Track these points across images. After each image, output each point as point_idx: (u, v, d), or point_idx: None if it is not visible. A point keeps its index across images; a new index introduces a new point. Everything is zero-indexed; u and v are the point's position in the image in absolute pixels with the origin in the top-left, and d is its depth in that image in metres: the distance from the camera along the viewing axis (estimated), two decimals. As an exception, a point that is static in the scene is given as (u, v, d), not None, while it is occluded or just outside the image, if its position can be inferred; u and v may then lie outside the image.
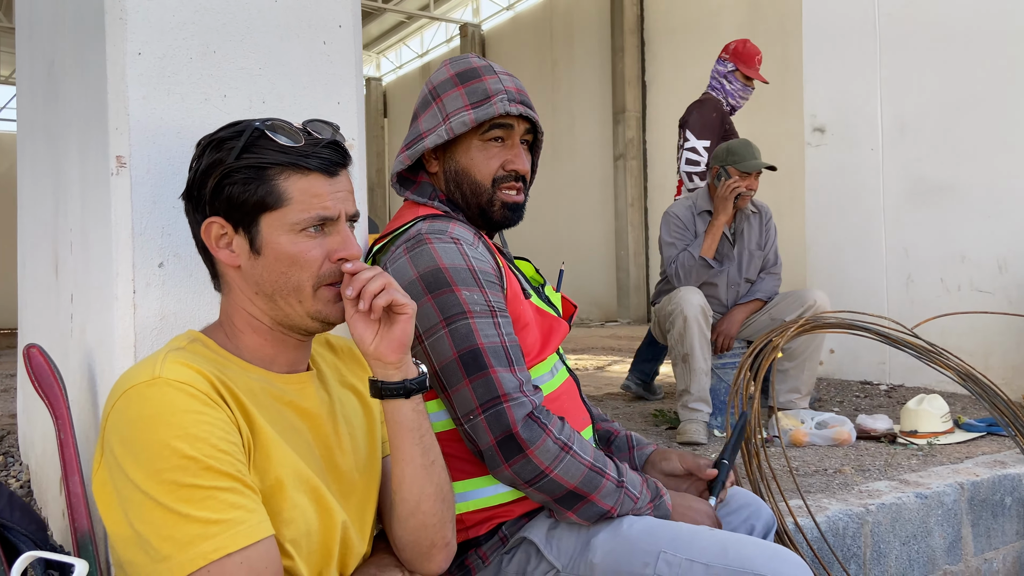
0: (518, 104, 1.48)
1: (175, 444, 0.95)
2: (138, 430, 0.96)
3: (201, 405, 0.99)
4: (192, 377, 1.00)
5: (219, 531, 0.94)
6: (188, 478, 0.94)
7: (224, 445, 0.98)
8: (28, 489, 2.37)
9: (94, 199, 1.41)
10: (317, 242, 1.09)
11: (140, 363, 1.03)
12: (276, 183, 1.07)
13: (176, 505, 0.93)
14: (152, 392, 0.98)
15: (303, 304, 1.10)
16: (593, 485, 1.36)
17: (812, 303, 3.42)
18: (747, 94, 4.41)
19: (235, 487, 0.98)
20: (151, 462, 0.94)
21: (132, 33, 1.27)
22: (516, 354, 1.38)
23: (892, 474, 2.58)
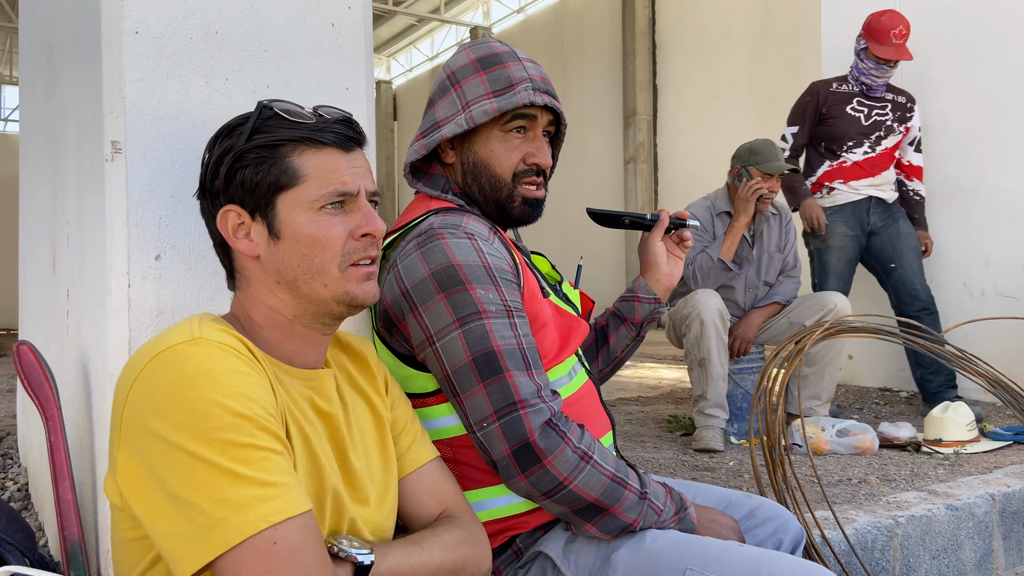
0: (543, 94, 1.39)
1: (227, 402, 0.87)
2: (181, 389, 0.87)
3: (247, 367, 0.92)
4: (233, 341, 0.94)
5: (277, 494, 0.86)
6: (244, 437, 0.86)
7: (272, 409, 0.92)
8: (26, 492, 2.30)
9: (89, 188, 1.34)
10: (338, 220, 1.03)
11: (169, 330, 0.95)
12: (290, 160, 1.02)
13: (230, 464, 0.85)
14: (195, 351, 0.90)
15: (329, 288, 1.03)
16: (615, 497, 1.27)
17: (832, 307, 3.32)
18: (883, 73, 3.90)
19: (284, 453, 0.91)
20: (199, 421, 0.85)
21: (129, 11, 1.19)
22: (534, 357, 1.29)
23: (919, 484, 2.48)
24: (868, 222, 4.01)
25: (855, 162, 3.99)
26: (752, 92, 11.33)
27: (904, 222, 4.02)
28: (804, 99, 4.09)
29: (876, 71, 3.89)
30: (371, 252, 1.07)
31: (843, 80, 4.06)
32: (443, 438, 1.34)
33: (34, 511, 2.12)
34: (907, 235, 3.99)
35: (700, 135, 12.07)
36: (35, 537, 1.27)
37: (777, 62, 10.91)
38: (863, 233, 4.02)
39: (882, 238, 4.01)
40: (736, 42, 11.58)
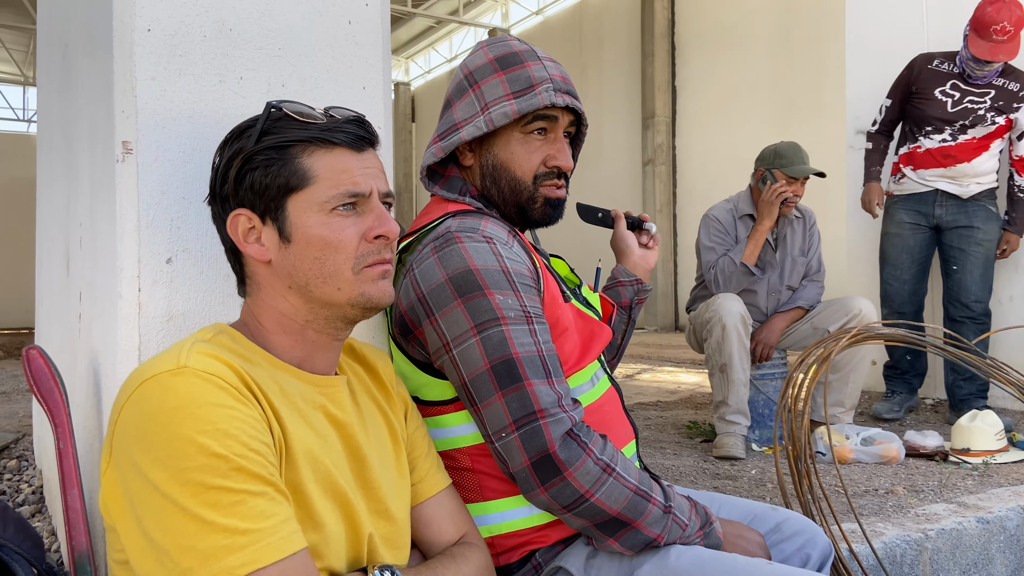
0: (564, 94, 1.34)
1: (202, 440, 0.83)
2: (159, 424, 0.84)
3: (232, 399, 0.88)
4: (221, 369, 0.89)
5: (247, 542, 0.82)
6: (216, 479, 0.82)
7: (256, 444, 0.87)
8: (40, 495, 2.28)
9: (101, 189, 1.31)
10: (351, 221, 1.00)
11: (160, 354, 0.92)
12: (299, 161, 0.99)
13: (200, 510, 0.81)
14: (177, 382, 0.86)
15: (343, 291, 1.00)
16: (638, 511, 1.23)
17: (857, 312, 3.25)
18: (980, 67, 3.55)
19: (267, 492, 0.86)
20: (173, 459, 0.82)
21: (142, 8, 1.16)
22: (554, 364, 1.25)
23: (948, 496, 2.42)
24: (933, 215, 3.80)
25: (928, 149, 3.74)
26: (773, 93, 11.23)
27: (982, 222, 3.72)
28: (902, 72, 3.84)
29: (973, 64, 3.57)
30: (385, 255, 1.04)
31: (949, 57, 3.72)
32: (461, 447, 1.30)
33: (48, 514, 2.10)
34: (979, 239, 3.72)
35: (719, 137, 11.98)
36: (43, 545, 1.24)
37: (798, 63, 10.80)
38: (928, 226, 3.83)
39: (950, 236, 3.79)
40: (757, 43, 11.49)
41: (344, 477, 1.02)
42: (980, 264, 3.75)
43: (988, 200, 3.78)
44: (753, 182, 3.44)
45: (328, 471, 0.99)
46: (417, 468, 1.20)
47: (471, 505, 1.29)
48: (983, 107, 3.63)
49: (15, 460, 2.60)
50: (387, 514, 1.09)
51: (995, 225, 3.77)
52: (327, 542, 0.97)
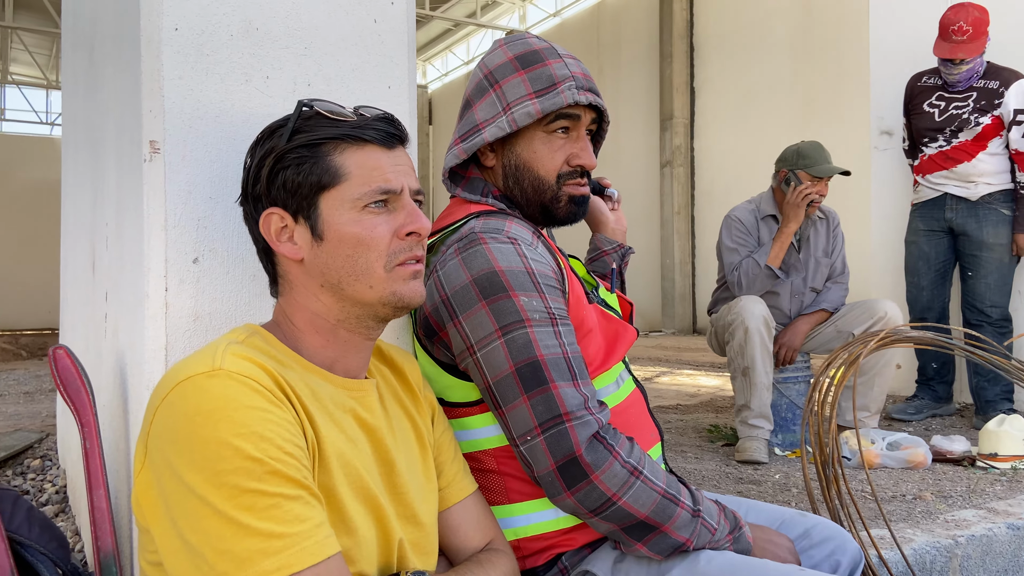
0: (587, 92, 1.33)
1: (237, 443, 0.83)
2: (195, 426, 0.84)
3: (266, 402, 0.87)
4: (255, 371, 0.89)
5: (283, 546, 0.82)
6: (251, 482, 0.82)
7: (291, 447, 0.86)
8: (64, 495, 2.29)
9: (128, 189, 1.31)
10: (382, 219, 1.00)
11: (194, 355, 0.92)
12: (331, 158, 0.99)
13: (236, 513, 0.81)
14: (212, 384, 0.86)
15: (374, 289, 1.00)
16: (666, 515, 1.21)
17: (883, 315, 3.21)
18: (949, 69, 3.71)
19: (301, 496, 0.85)
20: (209, 462, 0.82)
21: (169, 7, 1.16)
22: (579, 366, 1.23)
23: (977, 501, 2.38)
24: (945, 219, 3.84)
25: (931, 156, 3.86)
26: (792, 95, 11.15)
27: (992, 227, 3.73)
28: (905, 87, 4.03)
29: (943, 67, 3.72)
30: (417, 251, 1.03)
31: (933, 72, 3.89)
32: (486, 448, 1.29)
33: (71, 514, 2.11)
34: (990, 244, 3.73)
35: (738, 138, 11.90)
36: (68, 546, 1.24)
37: (818, 64, 10.72)
38: (945, 231, 3.87)
39: (963, 241, 3.81)
40: (776, 44, 11.41)
41: (374, 482, 1.01)
42: (994, 269, 3.74)
43: (1000, 203, 3.76)
44: (775, 183, 3.40)
45: (360, 475, 0.98)
46: (444, 473, 1.19)
47: (496, 507, 1.28)
48: (966, 110, 3.73)
49: (39, 460, 2.62)
50: (415, 519, 1.08)
51: (1006, 228, 3.74)
52: (359, 546, 0.96)
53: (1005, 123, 3.69)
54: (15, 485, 2.41)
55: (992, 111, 3.70)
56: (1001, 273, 3.74)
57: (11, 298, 16.52)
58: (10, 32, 18.04)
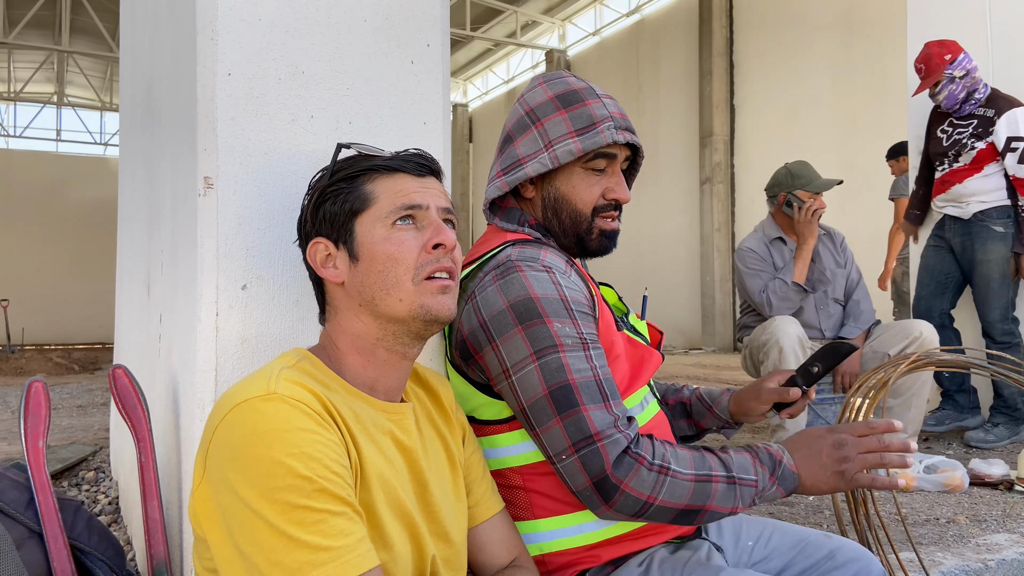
0: (624, 131, 1.41)
1: (290, 462, 0.90)
2: (251, 445, 0.92)
3: (316, 425, 0.95)
4: (306, 396, 0.97)
5: (328, 559, 0.89)
6: (301, 499, 0.90)
7: (337, 467, 0.94)
8: (116, 506, 2.40)
9: (183, 220, 1.41)
10: (410, 234, 1.08)
11: (250, 377, 1.00)
12: (364, 187, 1.09)
13: (287, 527, 0.88)
14: (268, 407, 0.94)
15: (404, 302, 1.07)
16: (704, 495, 1.24)
17: (918, 335, 3.20)
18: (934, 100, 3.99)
19: (346, 512, 0.93)
20: (263, 479, 0.90)
21: (223, 54, 1.26)
22: (611, 388, 1.29)
23: (1011, 526, 2.36)
24: (945, 237, 4.01)
25: (938, 179, 4.04)
26: (835, 111, 11.08)
27: (981, 243, 3.82)
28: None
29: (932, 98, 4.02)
30: (444, 263, 1.10)
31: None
32: (513, 466, 1.35)
33: (123, 524, 2.21)
34: (978, 259, 3.83)
35: (779, 156, 11.80)
36: (124, 554, 1.33)
37: (860, 81, 10.64)
38: (948, 249, 4.00)
39: (962, 260, 3.95)
40: (817, 61, 11.35)
41: (410, 500, 1.08)
42: (985, 286, 3.81)
43: (992, 219, 3.82)
44: (773, 208, 3.55)
45: (397, 494, 1.05)
46: (473, 492, 1.26)
47: (522, 523, 1.34)
48: (965, 135, 3.90)
49: (92, 472, 2.74)
50: (447, 537, 1.14)
51: (997, 244, 3.79)
52: (395, 561, 1.03)
53: (999, 150, 3.81)
54: (70, 495, 2.53)
55: (987, 138, 3.85)
56: (992, 289, 3.80)
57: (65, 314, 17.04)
58: (66, 56, 18.72)
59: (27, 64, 19.29)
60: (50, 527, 1.21)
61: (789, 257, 3.46)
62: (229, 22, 1.26)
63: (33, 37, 16.92)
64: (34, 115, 21.66)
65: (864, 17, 10.57)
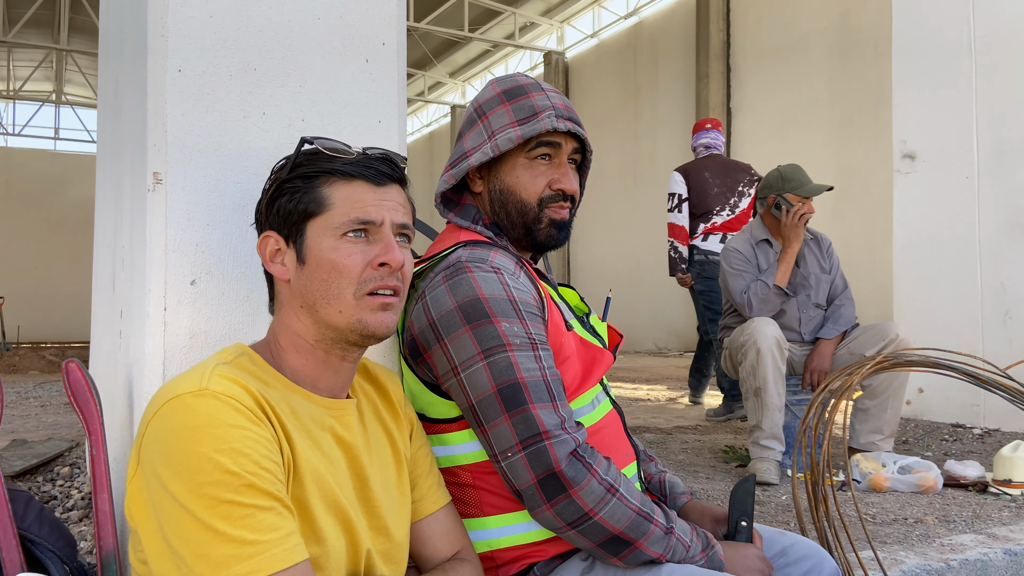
0: (566, 120, 1.41)
1: (218, 458, 0.91)
2: (181, 440, 0.93)
3: (246, 421, 0.96)
4: (238, 392, 0.98)
5: (254, 552, 0.90)
6: (228, 494, 0.91)
7: (266, 463, 0.95)
8: (89, 500, 2.41)
9: (137, 215, 1.42)
10: (359, 248, 1.08)
11: (185, 373, 1.01)
12: (321, 190, 1.08)
13: (213, 521, 0.90)
14: (198, 403, 0.95)
15: (343, 314, 1.07)
16: (640, 531, 1.26)
17: (894, 337, 3.22)
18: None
19: (274, 507, 0.94)
20: (191, 475, 0.91)
21: (173, 50, 1.27)
22: (558, 389, 1.30)
23: (980, 527, 2.37)
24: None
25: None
26: (830, 114, 11.09)
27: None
28: None
29: None
30: (389, 282, 1.09)
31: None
32: (463, 464, 1.36)
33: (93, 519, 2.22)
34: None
35: (776, 158, 11.79)
36: (76, 545, 1.34)
37: (856, 84, 10.65)
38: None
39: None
40: (814, 64, 11.36)
41: (347, 495, 1.09)
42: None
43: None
44: (763, 209, 3.54)
45: (332, 489, 1.06)
46: (418, 486, 1.27)
47: (472, 520, 1.35)
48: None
49: (68, 467, 2.75)
50: (386, 531, 1.15)
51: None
52: (327, 555, 1.04)
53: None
54: (44, 491, 2.54)
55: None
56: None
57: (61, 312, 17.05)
58: (65, 55, 18.75)
59: (26, 62, 19.32)
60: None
61: (774, 259, 3.48)
62: (180, 19, 1.27)
63: (32, 36, 16.95)
64: (32, 113, 21.69)
65: (859, 22, 10.59)
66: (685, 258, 5.05)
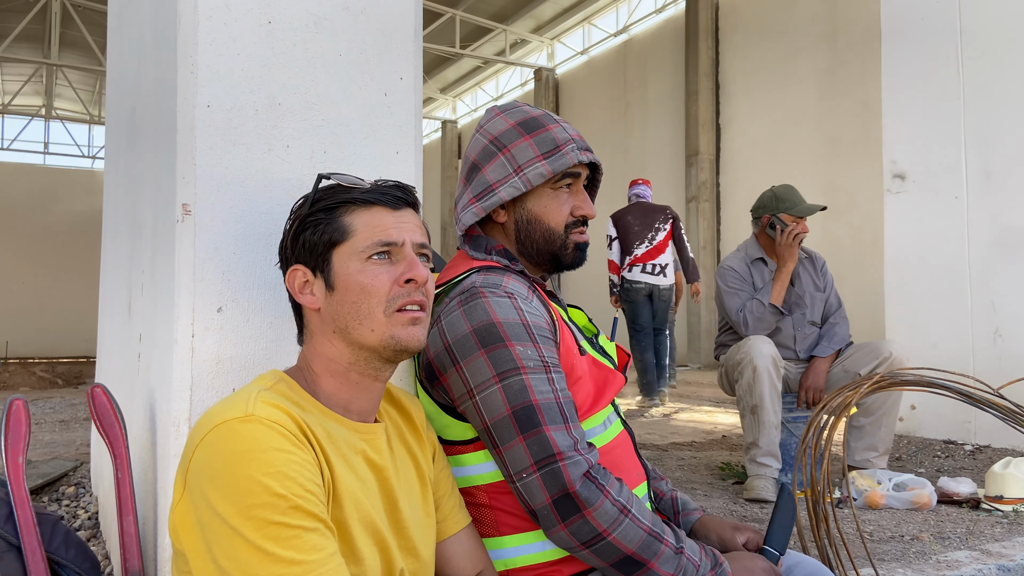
0: (586, 152, 1.49)
1: (266, 481, 0.95)
2: (230, 464, 0.97)
3: (291, 445, 1.00)
4: (282, 417, 1.02)
5: (301, 572, 0.94)
6: (276, 515, 0.95)
7: (310, 485, 0.99)
8: (95, 521, 2.43)
9: (162, 243, 1.46)
10: (384, 268, 1.13)
11: (229, 399, 1.05)
12: (343, 219, 1.14)
13: (263, 542, 0.94)
14: (245, 429, 0.99)
15: (376, 332, 1.12)
16: (651, 551, 1.31)
17: (887, 355, 3.28)
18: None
19: (319, 528, 0.98)
20: (241, 497, 0.95)
21: (202, 87, 1.31)
22: (570, 411, 1.35)
23: (974, 543, 2.42)
24: None
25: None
26: (819, 132, 11.23)
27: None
28: None
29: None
30: (415, 297, 1.15)
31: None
32: (479, 484, 1.40)
33: (102, 539, 2.24)
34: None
35: (764, 174, 11.97)
36: (100, 567, 1.37)
37: (844, 101, 10.80)
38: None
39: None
40: (802, 81, 11.51)
41: (380, 517, 1.13)
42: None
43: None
44: (757, 229, 3.60)
45: (368, 511, 1.10)
46: (441, 507, 1.31)
47: (489, 540, 1.38)
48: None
49: (73, 487, 2.76)
50: (415, 552, 1.19)
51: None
52: (366, 574, 1.08)
53: None
54: (50, 511, 2.56)
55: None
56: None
57: (50, 327, 16.94)
58: (55, 69, 18.73)
59: (16, 77, 19.29)
60: (28, 541, 1.25)
61: (769, 278, 3.52)
62: (209, 57, 1.32)
63: (22, 50, 16.94)
64: (22, 128, 21.63)
65: (847, 39, 10.75)
66: (616, 284, 6.55)
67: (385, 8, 1.50)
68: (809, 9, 11.42)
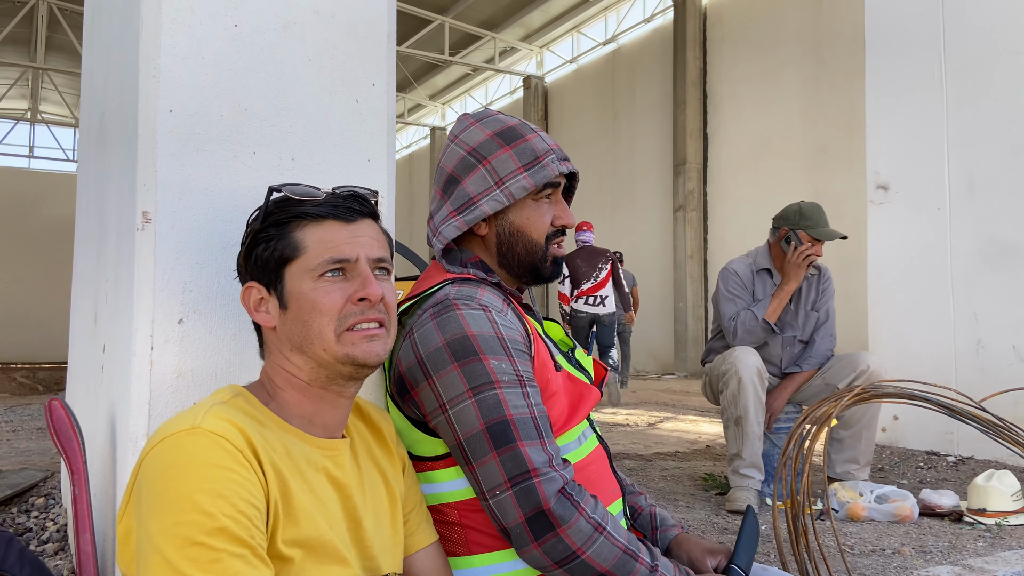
0: (565, 162, 1.47)
1: (197, 497, 0.91)
2: (167, 478, 0.93)
3: (233, 462, 0.96)
4: (231, 432, 0.98)
5: None
6: (200, 535, 0.90)
7: (245, 507, 0.95)
8: (64, 533, 2.38)
9: (124, 252, 1.41)
10: (337, 286, 1.09)
11: (183, 413, 1.01)
12: (294, 235, 1.10)
13: (181, 563, 0.89)
14: (188, 441, 0.95)
15: (328, 352, 1.08)
16: (626, 569, 1.27)
17: (865, 368, 3.26)
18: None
19: (244, 555, 0.93)
20: (169, 512, 0.91)
21: (164, 91, 1.27)
22: (545, 426, 1.31)
23: (956, 558, 2.40)
24: None
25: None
26: (804, 142, 11.27)
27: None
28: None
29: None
30: (369, 315, 1.10)
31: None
32: (449, 501, 1.36)
33: (70, 552, 2.19)
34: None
35: (751, 184, 12.01)
36: (56, 586, 1.32)
37: (830, 112, 10.85)
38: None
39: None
40: (789, 92, 11.56)
41: (339, 535, 1.09)
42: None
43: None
44: (772, 239, 3.46)
45: (324, 530, 1.06)
46: (408, 521, 1.27)
47: (458, 559, 1.35)
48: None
49: (43, 498, 2.70)
50: (378, 571, 1.15)
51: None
52: None
53: None
54: (19, 522, 2.50)
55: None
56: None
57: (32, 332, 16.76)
58: (41, 73, 18.60)
59: (1, 80, 19.13)
60: (-22, 560, 1.21)
61: (770, 291, 3.42)
62: (172, 60, 1.28)
63: (8, 54, 16.81)
64: (7, 131, 21.46)
65: (833, 51, 10.81)
66: (567, 313, 7.64)
67: (357, 12, 1.47)
68: (795, 20, 11.48)
